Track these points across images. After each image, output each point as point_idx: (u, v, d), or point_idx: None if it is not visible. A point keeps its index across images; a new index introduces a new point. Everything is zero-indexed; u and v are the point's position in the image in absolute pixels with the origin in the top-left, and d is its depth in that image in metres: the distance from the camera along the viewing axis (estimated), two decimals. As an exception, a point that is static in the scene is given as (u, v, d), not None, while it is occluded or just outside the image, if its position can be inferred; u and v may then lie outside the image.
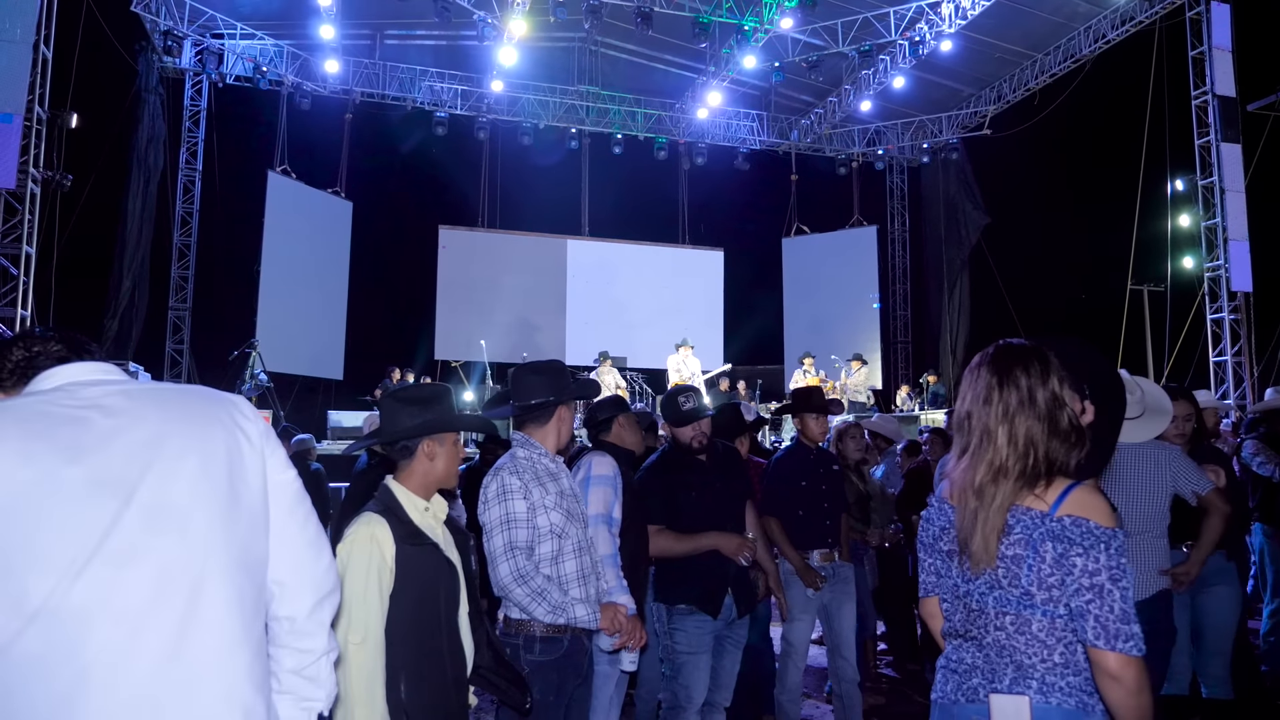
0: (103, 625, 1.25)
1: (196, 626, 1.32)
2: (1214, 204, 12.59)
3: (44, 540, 1.25)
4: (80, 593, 1.24)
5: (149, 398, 1.44)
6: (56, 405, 1.36)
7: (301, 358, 14.79)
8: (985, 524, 1.82)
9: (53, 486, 1.26)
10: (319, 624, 1.55)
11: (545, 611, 2.79)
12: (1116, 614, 1.70)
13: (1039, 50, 15.63)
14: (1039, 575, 1.77)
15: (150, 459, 1.34)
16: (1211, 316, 12.71)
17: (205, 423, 1.44)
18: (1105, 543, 1.73)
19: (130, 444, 1.34)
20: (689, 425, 3.81)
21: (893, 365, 19.35)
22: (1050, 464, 1.83)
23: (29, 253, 10.36)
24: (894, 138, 18.55)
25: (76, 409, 1.36)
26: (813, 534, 4.42)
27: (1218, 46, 12.39)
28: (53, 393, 1.42)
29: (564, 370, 3.17)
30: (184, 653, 1.30)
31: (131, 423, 1.37)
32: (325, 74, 15.41)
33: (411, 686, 2.25)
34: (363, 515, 2.34)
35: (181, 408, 1.45)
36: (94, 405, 1.37)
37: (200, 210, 15.54)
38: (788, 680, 4.38)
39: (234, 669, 1.35)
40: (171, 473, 1.35)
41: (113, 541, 1.27)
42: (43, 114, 10.35)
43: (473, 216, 17.96)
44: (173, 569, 1.31)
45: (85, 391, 1.41)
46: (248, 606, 1.41)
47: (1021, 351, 1.91)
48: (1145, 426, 3.43)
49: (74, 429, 1.32)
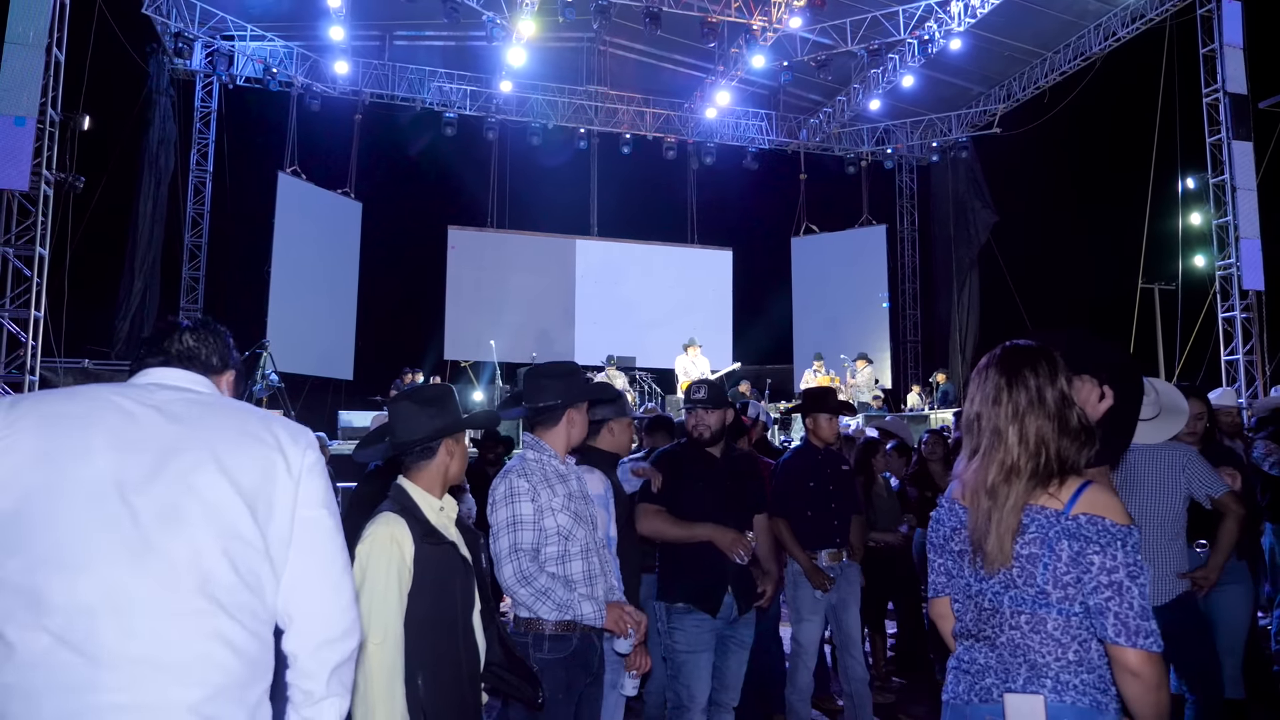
0: (108, 621, 1.31)
1: (191, 632, 1.36)
2: (1225, 202, 12.52)
3: (56, 536, 1.32)
4: (86, 589, 1.31)
5: (208, 409, 1.56)
6: (126, 398, 1.50)
7: (312, 358, 14.84)
8: (1000, 524, 1.83)
9: (68, 486, 1.36)
10: (321, 664, 1.52)
11: (550, 610, 2.81)
12: (1136, 610, 1.71)
13: (1049, 48, 15.56)
14: (1054, 574, 1.77)
15: (176, 466, 1.42)
16: (1223, 315, 12.64)
17: (247, 442, 1.51)
18: (1122, 540, 1.74)
19: (163, 449, 1.44)
20: (690, 415, 3.84)
21: (902, 364, 19.30)
22: (1062, 462, 1.84)
23: (42, 254, 10.43)
24: (903, 137, 18.50)
25: (140, 405, 1.49)
26: (821, 534, 4.42)
27: (1229, 44, 12.32)
28: (129, 388, 1.56)
29: (576, 372, 3.18)
30: (173, 653, 1.34)
31: (176, 421, 1.48)
32: (335, 75, 15.47)
33: (429, 683, 2.27)
34: (381, 515, 2.36)
35: (231, 426, 1.53)
36: (154, 406, 1.50)
37: (211, 211, 15.63)
38: (798, 680, 4.38)
39: (219, 678, 1.37)
40: (192, 482, 1.42)
41: (122, 541, 1.35)
42: (55, 116, 10.41)
43: (482, 217, 18.00)
44: (177, 571, 1.37)
45: (158, 395, 1.55)
46: (247, 622, 1.43)
47: (1029, 351, 1.92)
48: (1161, 427, 3.41)
49: (126, 420, 1.45)
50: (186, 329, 1.75)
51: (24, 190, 10.08)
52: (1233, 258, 12.41)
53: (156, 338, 1.72)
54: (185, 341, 1.72)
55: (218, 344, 1.79)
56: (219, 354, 1.78)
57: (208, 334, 1.78)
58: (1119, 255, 14.46)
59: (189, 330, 1.75)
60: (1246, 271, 12.22)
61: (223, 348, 1.80)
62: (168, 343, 1.70)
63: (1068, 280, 16.32)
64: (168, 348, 1.69)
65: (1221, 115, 12.44)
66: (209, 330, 1.80)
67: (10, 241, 10.31)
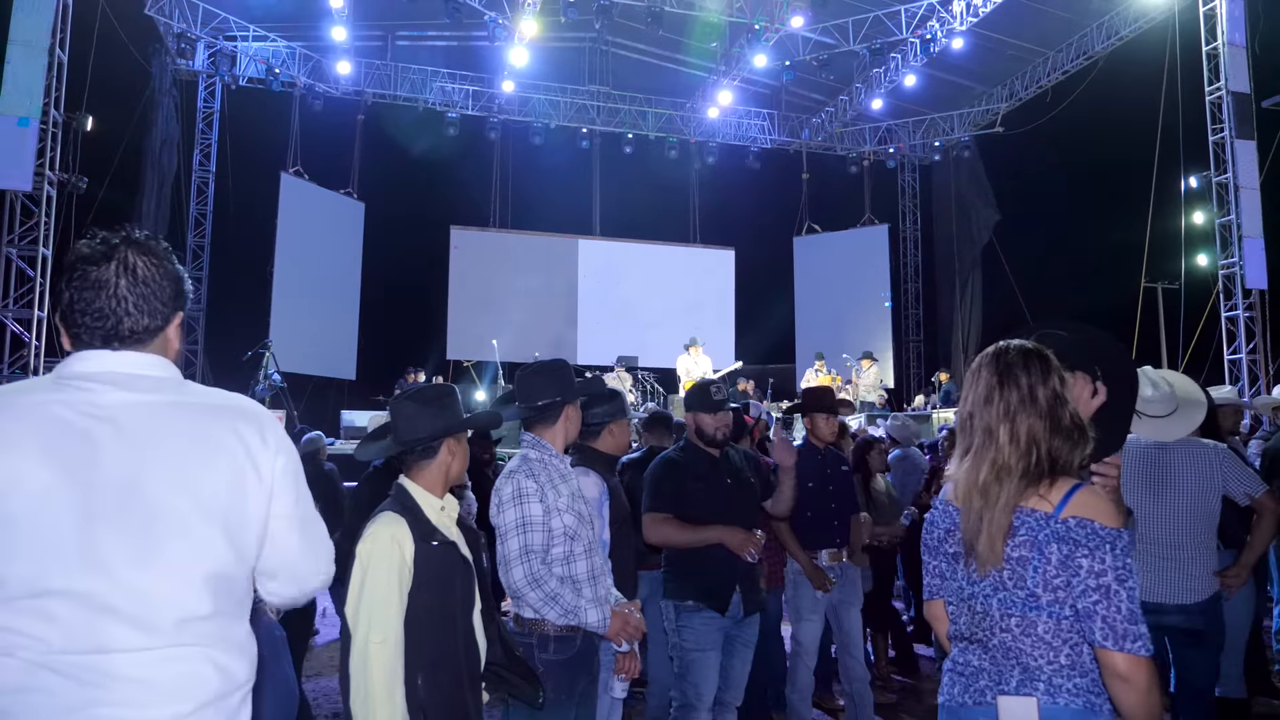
0: (107, 623, 1.31)
1: (174, 664, 1.36)
2: (1228, 201, 12.49)
3: (6, 534, 1.30)
4: (84, 586, 1.31)
5: (169, 418, 1.42)
6: (73, 410, 1.37)
7: (314, 358, 14.88)
8: (991, 524, 1.82)
9: (16, 484, 1.31)
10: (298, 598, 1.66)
11: (558, 615, 2.81)
12: (1124, 614, 1.69)
13: (1051, 47, 15.55)
14: (1044, 577, 1.77)
15: (144, 502, 1.36)
16: (1226, 314, 12.62)
17: (213, 457, 1.43)
18: (1111, 543, 1.73)
19: (129, 463, 1.36)
20: (716, 415, 3.81)
21: (904, 364, 19.29)
22: (1053, 462, 1.83)
23: (45, 254, 10.46)
24: (905, 136, 18.49)
25: (92, 420, 1.37)
26: (821, 534, 4.42)
27: (1232, 42, 12.30)
28: (73, 389, 1.40)
29: (568, 369, 3.18)
30: (160, 678, 1.35)
31: (137, 443, 1.38)
32: (337, 75, 15.49)
33: (429, 683, 2.28)
34: (382, 515, 2.37)
35: (194, 436, 1.43)
36: (109, 420, 1.38)
37: (214, 212, 15.65)
38: (798, 680, 4.38)
39: (203, 695, 1.39)
40: (163, 517, 1.37)
41: (66, 540, 1.31)
42: (58, 117, 10.44)
43: (484, 216, 18.02)
44: (156, 612, 1.35)
45: (108, 397, 1.40)
46: (230, 645, 1.44)
47: (1021, 351, 1.92)
48: (1179, 423, 3.39)
49: (82, 443, 1.35)
50: (124, 290, 1.44)
51: (27, 191, 10.11)
52: (1236, 257, 12.38)
53: (87, 303, 1.43)
54: (127, 311, 1.44)
55: (162, 287, 1.48)
56: (166, 302, 1.49)
57: (151, 284, 1.47)
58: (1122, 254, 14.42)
59: (132, 289, 1.45)
60: (1249, 270, 12.19)
61: (168, 288, 1.49)
62: (107, 319, 1.43)
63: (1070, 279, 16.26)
64: (110, 328, 1.43)
65: (1224, 114, 12.41)
66: (158, 272, 1.48)
67: (14, 242, 10.34)
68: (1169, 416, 3.38)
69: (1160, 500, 3.41)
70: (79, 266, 1.44)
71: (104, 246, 1.45)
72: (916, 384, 18.10)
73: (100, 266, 1.44)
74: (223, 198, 15.69)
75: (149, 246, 1.49)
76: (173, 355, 1.54)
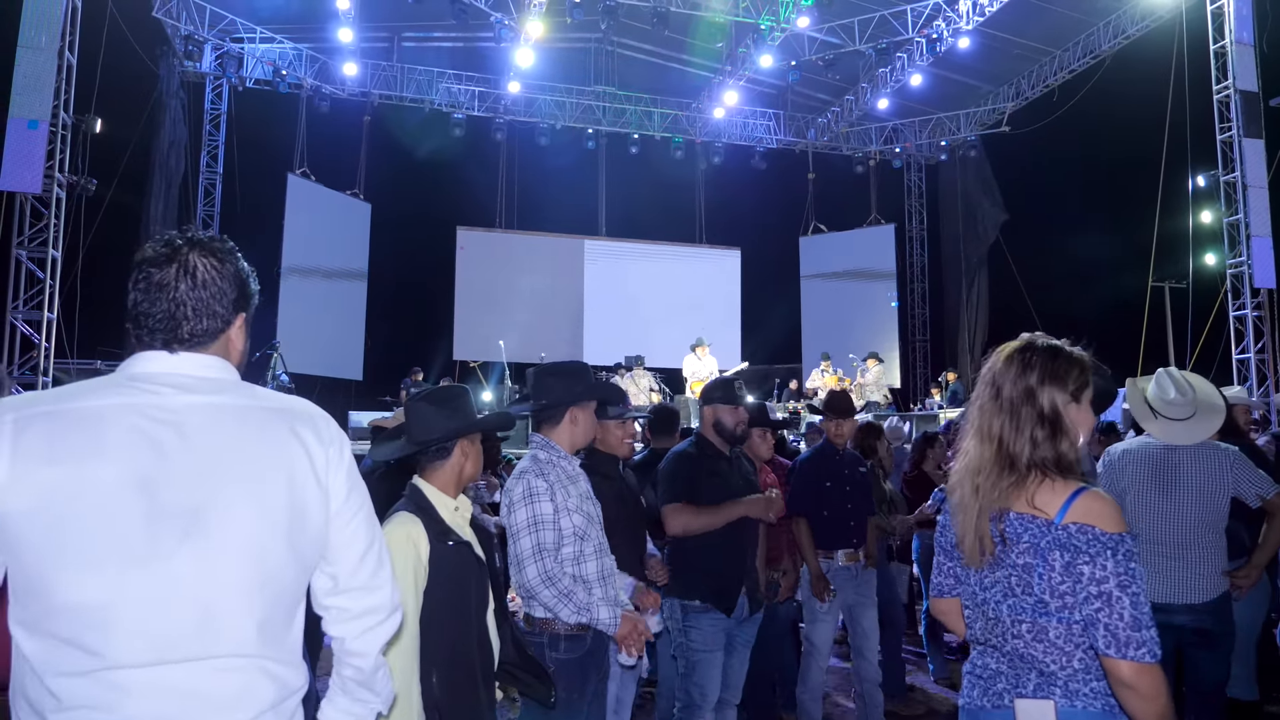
0: (120, 625, 1.28)
1: (235, 675, 1.36)
2: (1236, 200, 12.44)
3: (70, 540, 1.27)
4: (96, 590, 1.27)
5: (231, 421, 1.42)
6: (142, 415, 1.36)
7: (322, 359, 14.90)
8: (976, 518, 1.84)
9: (83, 489, 1.29)
10: (369, 644, 1.58)
11: (570, 613, 2.82)
12: (1126, 621, 1.68)
13: (1058, 46, 15.51)
14: (1050, 583, 1.76)
15: (210, 484, 1.36)
16: (1234, 313, 12.58)
17: (276, 458, 1.43)
18: (1112, 549, 1.71)
19: (193, 469, 1.35)
20: (737, 410, 3.84)
21: (911, 364, 19.26)
22: (1038, 461, 1.82)
23: (55, 256, 10.51)
24: (911, 135, 18.46)
25: (159, 424, 1.35)
26: (838, 534, 4.44)
27: (1239, 40, 12.26)
28: (141, 391, 1.39)
29: (583, 371, 3.17)
30: (218, 691, 1.34)
31: (201, 447, 1.37)
32: (344, 77, 15.52)
33: (443, 682, 2.29)
34: (397, 515, 2.38)
35: (258, 439, 1.43)
36: (175, 424, 1.37)
37: (221, 213, 15.71)
38: (810, 679, 4.40)
39: (259, 706, 1.38)
40: (228, 527, 1.36)
41: (133, 545, 1.29)
42: (67, 119, 10.48)
43: (490, 217, 18.04)
44: (190, 579, 1.32)
45: (175, 400, 1.39)
46: (289, 655, 1.44)
47: (1005, 350, 1.94)
48: (1198, 427, 3.39)
49: (150, 449, 1.33)
50: (184, 294, 1.44)
51: (37, 193, 10.17)
52: (1244, 256, 12.34)
53: (149, 306, 1.44)
54: (185, 316, 1.44)
55: (223, 290, 1.49)
56: (226, 305, 1.49)
57: (210, 287, 1.47)
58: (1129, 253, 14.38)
59: (191, 292, 1.45)
60: (1258, 269, 12.15)
61: (229, 291, 1.50)
62: (166, 322, 1.44)
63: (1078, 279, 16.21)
64: (169, 330, 1.44)
65: (1232, 112, 12.37)
66: (218, 274, 1.48)
67: (23, 244, 10.39)
68: (1187, 420, 3.38)
69: (1169, 500, 3.41)
70: (143, 269, 1.45)
71: (167, 249, 1.46)
72: (923, 384, 18.05)
73: (162, 269, 1.45)
74: (230, 199, 15.75)
75: (213, 247, 1.50)
76: (236, 356, 1.54)
